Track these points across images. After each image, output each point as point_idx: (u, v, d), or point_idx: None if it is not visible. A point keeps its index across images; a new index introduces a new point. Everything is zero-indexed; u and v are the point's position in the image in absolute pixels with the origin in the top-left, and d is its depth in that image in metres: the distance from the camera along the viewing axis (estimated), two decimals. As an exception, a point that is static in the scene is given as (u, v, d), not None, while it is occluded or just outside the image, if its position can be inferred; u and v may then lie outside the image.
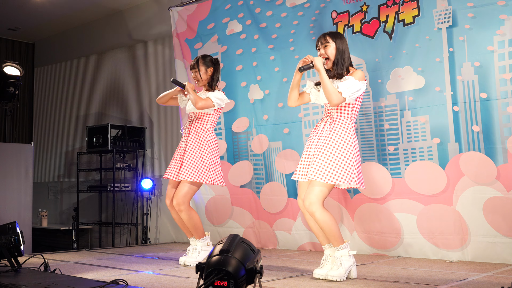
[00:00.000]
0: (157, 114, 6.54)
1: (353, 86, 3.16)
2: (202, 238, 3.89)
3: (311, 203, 3.12)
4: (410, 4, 4.19)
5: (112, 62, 7.28)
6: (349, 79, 3.19)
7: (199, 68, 3.94)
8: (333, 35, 3.32)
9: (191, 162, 3.81)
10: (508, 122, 3.73)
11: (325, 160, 3.13)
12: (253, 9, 5.15)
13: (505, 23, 3.75)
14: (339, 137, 3.17)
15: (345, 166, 3.13)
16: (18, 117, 8.28)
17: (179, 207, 3.81)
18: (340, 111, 3.24)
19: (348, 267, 3.14)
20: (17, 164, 5.31)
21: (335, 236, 3.13)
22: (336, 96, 3.15)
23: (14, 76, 5.20)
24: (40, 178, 7.86)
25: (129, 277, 3.25)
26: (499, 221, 3.72)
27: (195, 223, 3.85)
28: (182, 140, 3.98)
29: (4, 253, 3.27)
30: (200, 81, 3.96)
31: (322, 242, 3.30)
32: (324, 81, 3.17)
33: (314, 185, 3.14)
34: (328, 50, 3.29)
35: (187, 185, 3.83)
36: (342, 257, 3.13)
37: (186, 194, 3.82)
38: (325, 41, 3.30)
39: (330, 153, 3.14)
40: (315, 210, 3.11)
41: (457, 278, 3.12)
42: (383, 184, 4.24)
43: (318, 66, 3.20)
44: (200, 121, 3.92)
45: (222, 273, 2.09)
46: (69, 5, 6.90)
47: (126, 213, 6.60)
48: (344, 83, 3.18)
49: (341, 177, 3.11)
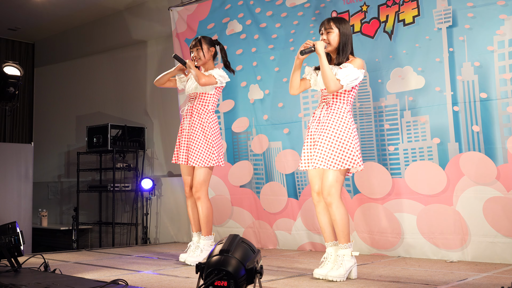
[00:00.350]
0: (157, 114, 6.54)
1: (352, 74, 3.16)
2: (208, 236, 3.87)
3: (330, 194, 3.12)
4: (410, 4, 4.19)
5: (112, 62, 7.28)
6: (348, 67, 3.18)
7: (202, 46, 3.93)
8: (337, 21, 3.29)
9: (198, 147, 3.81)
10: (508, 122, 3.73)
11: (329, 146, 3.14)
12: (253, 9, 5.15)
13: (505, 23, 3.75)
14: (338, 123, 3.18)
15: (349, 150, 3.14)
16: (18, 117, 8.28)
17: (197, 194, 3.82)
18: (336, 97, 3.25)
19: (349, 267, 3.13)
20: (17, 164, 5.31)
21: (345, 232, 3.14)
22: (334, 83, 3.15)
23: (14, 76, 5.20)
24: (40, 178, 7.86)
25: (129, 277, 3.24)
26: (499, 221, 3.72)
27: (208, 215, 3.85)
28: (184, 122, 3.95)
29: (4, 253, 3.27)
30: (201, 60, 3.93)
31: (326, 239, 3.27)
32: (324, 66, 3.16)
33: (328, 174, 3.14)
34: (331, 36, 3.27)
35: (201, 171, 3.83)
36: (344, 257, 3.13)
37: (202, 181, 3.83)
38: (329, 26, 3.27)
39: (333, 139, 3.15)
40: (332, 201, 3.12)
41: (457, 278, 3.12)
42: (383, 184, 4.24)
43: (319, 50, 3.18)
44: (201, 102, 3.90)
45: (222, 273, 2.09)
46: (69, 5, 6.90)
47: (126, 213, 6.60)
48: (343, 71, 3.18)
49: (350, 161, 3.12)
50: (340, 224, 3.13)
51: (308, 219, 4.63)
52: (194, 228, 3.95)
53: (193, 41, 3.98)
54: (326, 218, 3.26)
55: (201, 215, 3.85)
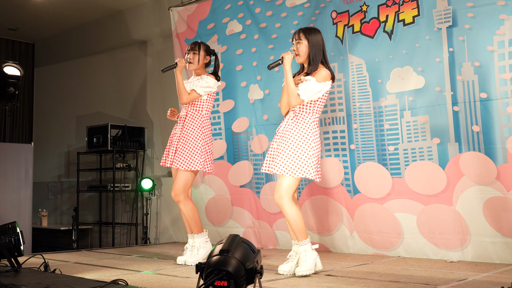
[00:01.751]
0: (157, 114, 6.54)
1: (312, 88, 3.28)
2: (201, 234, 3.88)
3: (280, 197, 3.30)
4: (410, 4, 4.19)
5: (112, 62, 7.28)
6: (309, 81, 3.29)
7: (200, 51, 3.93)
8: (307, 32, 3.39)
9: (184, 150, 3.81)
10: (508, 122, 3.73)
11: (287, 154, 3.28)
12: (253, 9, 5.15)
13: (505, 23, 3.75)
14: (300, 132, 3.32)
15: (305, 159, 3.27)
16: (18, 117, 8.28)
17: (176, 198, 3.84)
18: (303, 107, 3.37)
19: (313, 260, 3.28)
20: (17, 164, 5.31)
21: (300, 230, 3.29)
22: (294, 98, 3.32)
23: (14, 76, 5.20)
24: (40, 178, 7.86)
25: (129, 277, 3.25)
26: (499, 221, 3.72)
27: (194, 215, 3.86)
28: (177, 126, 3.96)
29: (4, 253, 3.27)
30: (194, 64, 3.93)
31: (292, 237, 3.42)
32: (287, 81, 3.33)
33: (282, 179, 3.30)
34: (300, 47, 3.38)
35: (183, 175, 3.83)
36: (306, 252, 3.28)
37: (182, 185, 3.83)
38: (298, 37, 3.39)
39: (292, 147, 3.29)
40: (283, 203, 3.29)
41: (457, 278, 3.12)
42: (383, 184, 4.24)
43: (285, 65, 3.34)
44: (195, 107, 3.91)
45: (222, 273, 2.08)
46: (69, 5, 6.90)
47: (126, 213, 6.60)
48: (303, 85, 3.31)
49: (304, 171, 3.26)
50: (293, 223, 3.29)
51: (307, 220, 4.63)
52: (188, 230, 3.97)
53: (193, 43, 3.98)
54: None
55: (187, 217, 3.87)
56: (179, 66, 3.86)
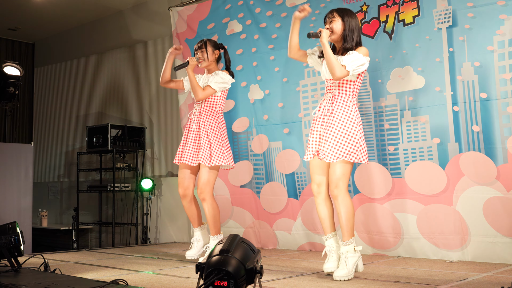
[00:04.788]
0: (157, 114, 6.54)
1: (357, 60, 3.15)
2: (217, 235, 3.84)
3: (337, 186, 3.14)
4: (410, 4, 4.19)
5: (112, 62, 7.28)
6: (353, 53, 3.19)
7: (207, 48, 3.93)
8: (340, 11, 3.32)
9: (211, 147, 3.79)
10: (508, 122, 3.73)
11: (336, 140, 3.14)
12: (253, 9, 5.15)
13: (505, 23, 3.75)
14: (344, 115, 3.18)
15: (356, 142, 3.15)
16: (18, 117, 8.28)
17: (202, 196, 3.79)
18: (342, 88, 3.24)
19: (354, 263, 3.14)
20: (17, 164, 5.30)
21: (349, 226, 3.15)
22: (339, 69, 3.13)
23: (14, 76, 5.19)
24: (40, 178, 7.85)
25: (129, 277, 3.24)
26: (499, 221, 3.72)
27: (215, 216, 3.82)
28: (192, 124, 3.91)
29: (4, 253, 3.27)
30: (205, 61, 3.94)
31: (325, 231, 3.28)
32: (328, 54, 3.16)
33: (336, 168, 3.15)
34: (334, 25, 3.28)
35: (208, 172, 3.80)
36: (347, 253, 3.13)
37: (208, 181, 3.80)
38: (332, 16, 3.31)
39: (339, 133, 3.15)
40: (339, 193, 3.14)
41: (457, 278, 3.12)
42: (383, 184, 4.24)
43: (323, 40, 3.19)
44: (209, 104, 3.90)
45: (222, 273, 2.08)
46: (69, 5, 6.90)
47: (126, 213, 6.60)
48: (348, 57, 3.18)
49: (356, 154, 3.14)
50: (345, 217, 3.15)
51: (308, 219, 4.63)
52: (194, 224, 3.94)
53: (199, 42, 3.98)
54: (326, 209, 3.28)
55: (208, 216, 3.82)
56: (191, 64, 3.85)
